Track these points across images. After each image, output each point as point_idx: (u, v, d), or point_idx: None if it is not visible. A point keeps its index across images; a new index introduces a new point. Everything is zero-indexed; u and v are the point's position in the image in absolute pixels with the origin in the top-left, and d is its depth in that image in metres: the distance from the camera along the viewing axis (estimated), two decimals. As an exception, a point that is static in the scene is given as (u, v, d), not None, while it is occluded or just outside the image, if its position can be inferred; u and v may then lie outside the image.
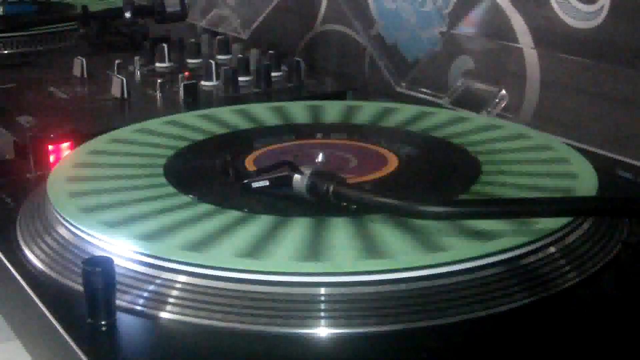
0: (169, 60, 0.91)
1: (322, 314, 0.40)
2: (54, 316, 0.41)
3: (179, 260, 0.43)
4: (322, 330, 0.40)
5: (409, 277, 0.41)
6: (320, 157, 0.59)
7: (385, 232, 0.45)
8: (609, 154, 0.63)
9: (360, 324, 0.40)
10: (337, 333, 0.40)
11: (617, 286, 0.45)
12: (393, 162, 0.57)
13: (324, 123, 0.67)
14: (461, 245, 0.44)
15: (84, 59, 0.87)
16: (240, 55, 0.87)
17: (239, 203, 0.49)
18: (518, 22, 0.74)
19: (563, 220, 0.46)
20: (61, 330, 0.40)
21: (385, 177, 0.54)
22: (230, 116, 0.68)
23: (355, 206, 0.47)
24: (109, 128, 0.65)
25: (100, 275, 0.39)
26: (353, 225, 0.46)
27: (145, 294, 0.42)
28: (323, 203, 0.47)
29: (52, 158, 0.63)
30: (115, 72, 0.83)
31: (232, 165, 0.55)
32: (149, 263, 0.43)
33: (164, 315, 0.41)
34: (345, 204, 0.47)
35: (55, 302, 0.43)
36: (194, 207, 0.49)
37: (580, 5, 0.67)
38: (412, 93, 0.83)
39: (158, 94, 0.79)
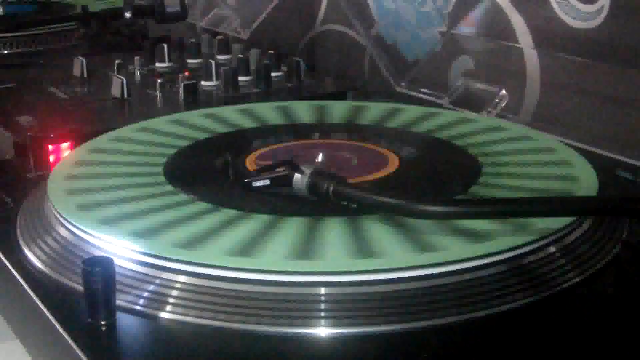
0: (169, 60, 0.91)
1: (322, 313, 0.40)
2: (54, 316, 0.41)
3: (177, 258, 0.43)
4: (322, 330, 0.40)
5: (406, 277, 0.41)
6: (320, 157, 0.59)
7: (380, 232, 0.45)
8: (609, 154, 0.63)
9: (359, 324, 0.40)
10: (337, 333, 0.40)
11: (617, 286, 0.45)
12: (394, 163, 0.57)
13: (329, 123, 0.67)
14: (460, 245, 0.44)
15: (84, 59, 0.87)
16: (240, 55, 0.87)
17: (236, 202, 0.49)
18: (518, 22, 0.74)
19: (563, 220, 0.46)
20: (61, 330, 0.40)
21: (387, 177, 0.54)
22: (234, 115, 0.68)
23: (355, 205, 0.47)
24: (109, 128, 0.64)
25: (100, 275, 0.39)
26: (347, 225, 0.46)
27: (144, 294, 0.42)
28: (323, 202, 0.48)
29: (52, 158, 0.63)
30: (115, 72, 0.83)
31: (233, 164, 0.55)
32: (149, 263, 0.43)
33: (163, 315, 0.41)
34: (345, 203, 0.47)
35: (55, 302, 0.43)
36: (190, 205, 0.49)
37: (580, 5, 0.67)
38: (412, 93, 0.83)
39: (158, 94, 0.79)
